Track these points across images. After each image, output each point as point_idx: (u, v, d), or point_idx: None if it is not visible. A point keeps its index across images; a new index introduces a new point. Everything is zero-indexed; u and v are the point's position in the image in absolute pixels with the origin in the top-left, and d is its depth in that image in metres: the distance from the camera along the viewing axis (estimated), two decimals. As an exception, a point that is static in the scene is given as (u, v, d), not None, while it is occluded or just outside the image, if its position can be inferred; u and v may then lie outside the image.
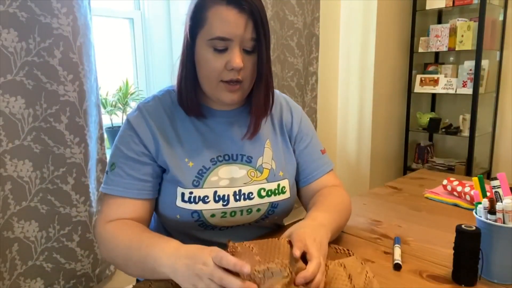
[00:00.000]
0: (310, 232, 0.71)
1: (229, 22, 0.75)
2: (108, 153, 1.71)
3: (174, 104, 0.88)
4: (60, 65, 1.37)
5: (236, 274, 0.59)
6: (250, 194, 0.86)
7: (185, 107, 0.85)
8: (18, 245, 1.39)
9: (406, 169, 2.92)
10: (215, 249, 0.63)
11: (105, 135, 1.62)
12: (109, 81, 1.89)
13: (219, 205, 0.83)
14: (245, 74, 0.80)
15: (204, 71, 0.80)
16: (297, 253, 0.64)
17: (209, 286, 0.60)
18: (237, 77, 0.79)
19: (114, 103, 1.80)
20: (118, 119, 1.84)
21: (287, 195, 0.90)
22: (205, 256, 0.62)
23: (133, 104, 1.86)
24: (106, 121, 1.77)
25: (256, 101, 0.85)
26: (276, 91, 0.98)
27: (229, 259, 0.59)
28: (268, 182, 0.88)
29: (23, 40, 1.29)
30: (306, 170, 0.96)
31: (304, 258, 0.66)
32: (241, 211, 0.86)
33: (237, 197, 0.84)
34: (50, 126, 1.39)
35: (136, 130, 0.83)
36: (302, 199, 0.99)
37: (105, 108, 1.78)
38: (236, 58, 0.76)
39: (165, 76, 2.11)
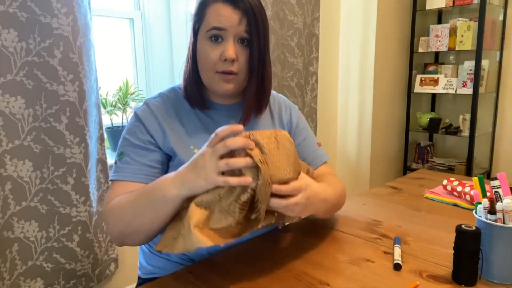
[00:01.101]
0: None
1: (224, 15, 0.82)
2: (108, 153, 1.71)
3: (179, 99, 0.93)
4: (60, 65, 1.37)
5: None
6: None
7: (190, 99, 0.91)
8: (18, 245, 1.39)
9: (406, 169, 2.92)
10: (204, 146, 0.70)
11: (105, 135, 1.62)
12: (109, 81, 1.89)
13: None
14: (240, 66, 0.85)
15: (202, 62, 0.86)
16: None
17: (220, 165, 0.66)
18: (230, 69, 0.84)
19: (114, 103, 1.80)
20: (118, 119, 1.84)
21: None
22: (201, 152, 0.70)
23: (133, 104, 1.87)
24: (106, 121, 1.77)
25: (248, 94, 0.90)
26: (273, 92, 1.03)
27: (218, 131, 0.68)
28: None
29: (23, 40, 1.29)
30: (306, 160, 1.02)
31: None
32: None
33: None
34: (50, 126, 1.39)
35: (143, 122, 0.88)
36: None
37: (105, 108, 1.78)
38: (229, 50, 0.82)
39: (165, 75, 2.11)
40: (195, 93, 0.90)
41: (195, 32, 0.86)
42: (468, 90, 2.53)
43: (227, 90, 0.86)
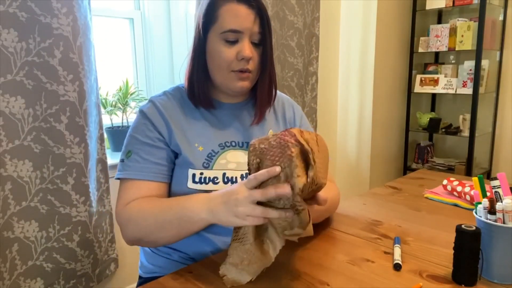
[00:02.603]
0: None
1: (240, 16, 0.83)
2: (108, 153, 1.71)
3: (183, 98, 0.94)
4: (60, 65, 1.37)
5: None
6: None
7: (195, 98, 0.91)
8: (18, 245, 1.39)
9: (406, 169, 2.92)
10: (242, 183, 0.69)
11: (105, 135, 1.62)
12: (109, 81, 1.89)
13: (228, 186, 0.87)
14: (254, 64, 0.88)
15: (215, 61, 0.87)
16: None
17: (252, 209, 0.66)
18: (246, 67, 0.86)
19: (114, 103, 1.80)
20: (118, 119, 1.84)
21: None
22: (237, 187, 0.69)
23: (133, 104, 1.87)
24: (106, 121, 1.77)
25: (261, 90, 0.93)
26: (277, 92, 1.04)
27: (260, 173, 0.65)
28: None
29: (23, 40, 1.29)
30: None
31: None
32: None
33: (244, 179, 0.88)
34: (50, 126, 1.39)
35: (150, 119, 0.88)
36: None
37: (105, 108, 1.78)
38: (247, 49, 0.84)
39: (165, 75, 2.11)
40: (202, 92, 0.90)
41: (204, 31, 0.86)
42: (468, 90, 2.53)
43: (243, 87, 0.88)
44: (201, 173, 0.86)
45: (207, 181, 0.86)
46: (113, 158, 1.71)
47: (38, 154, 1.39)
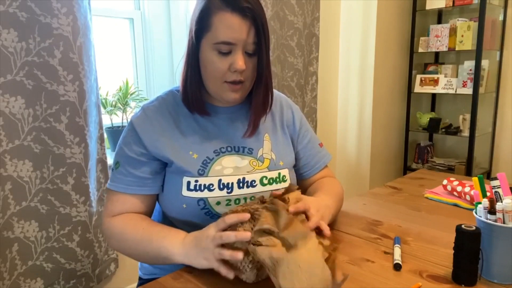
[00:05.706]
0: (315, 204, 0.82)
1: (233, 28, 0.80)
2: (108, 153, 1.72)
3: (177, 103, 0.92)
4: (60, 65, 1.37)
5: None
6: (253, 182, 0.90)
7: (189, 104, 0.90)
8: (18, 245, 1.39)
9: (406, 169, 2.92)
10: (212, 225, 0.74)
11: (105, 135, 1.62)
12: (109, 81, 1.89)
13: (224, 192, 0.87)
14: (247, 75, 0.85)
15: (208, 72, 0.85)
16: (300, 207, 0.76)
17: (215, 252, 0.70)
18: (239, 78, 0.84)
19: (114, 103, 1.80)
20: (118, 119, 1.84)
21: (287, 183, 0.95)
22: (207, 231, 0.74)
23: (133, 104, 1.87)
24: (106, 121, 1.77)
25: (256, 101, 0.91)
26: (275, 91, 1.03)
27: (226, 217, 0.71)
28: (269, 170, 0.93)
29: (23, 40, 1.29)
30: (310, 163, 1.04)
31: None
32: (245, 198, 0.89)
33: (241, 184, 0.89)
34: (50, 126, 1.39)
35: (137, 131, 0.88)
36: (302, 188, 1.05)
37: (105, 108, 1.78)
38: (239, 61, 0.82)
39: (165, 75, 2.11)
40: (196, 98, 0.89)
41: (197, 38, 0.84)
42: (468, 90, 2.53)
43: (235, 99, 0.87)
44: (196, 181, 0.86)
45: (202, 188, 0.86)
46: (113, 158, 1.71)
47: (38, 154, 1.39)
